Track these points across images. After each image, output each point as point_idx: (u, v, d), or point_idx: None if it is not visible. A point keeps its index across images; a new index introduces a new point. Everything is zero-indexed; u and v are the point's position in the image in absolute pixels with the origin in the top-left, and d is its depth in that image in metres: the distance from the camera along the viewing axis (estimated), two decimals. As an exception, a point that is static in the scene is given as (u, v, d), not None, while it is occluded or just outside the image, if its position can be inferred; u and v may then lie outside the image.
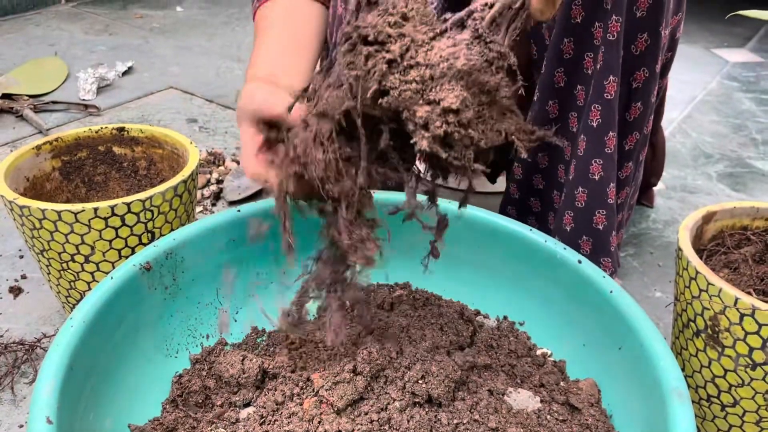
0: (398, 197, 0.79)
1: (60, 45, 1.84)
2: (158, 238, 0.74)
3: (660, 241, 1.07)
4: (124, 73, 1.63)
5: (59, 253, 0.71)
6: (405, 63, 0.46)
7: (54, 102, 1.43)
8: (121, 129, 0.85)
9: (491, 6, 0.48)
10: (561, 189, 0.86)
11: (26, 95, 1.44)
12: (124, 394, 0.63)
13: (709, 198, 1.20)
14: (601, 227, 0.80)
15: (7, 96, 1.41)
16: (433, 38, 0.48)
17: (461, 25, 0.49)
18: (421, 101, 0.46)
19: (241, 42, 1.89)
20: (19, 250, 0.98)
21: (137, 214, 0.71)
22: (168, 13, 2.20)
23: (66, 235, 0.69)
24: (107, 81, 1.53)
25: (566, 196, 0.82)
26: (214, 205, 1.13)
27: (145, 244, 0.73)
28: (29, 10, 2.14)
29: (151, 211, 0.72)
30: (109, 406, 0.61)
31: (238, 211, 0.75)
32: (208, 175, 1.18)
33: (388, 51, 0.46)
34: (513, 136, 0.48)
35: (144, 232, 0.72)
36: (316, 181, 0.51)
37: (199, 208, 1.10)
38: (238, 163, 1.24)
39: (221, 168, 1.21)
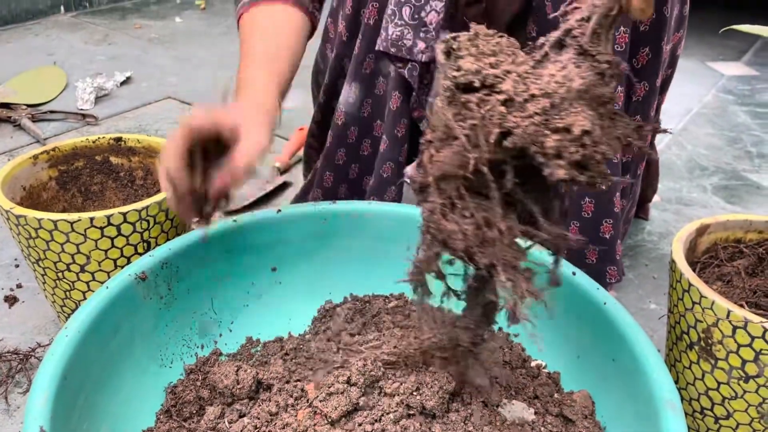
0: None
1: (59, 54, 1.85)
2: (154, 247, 0.74)
3: (655, 253, 1.08)
4: (123, 83, 1.63)
5: (55, 263, 0.71)
6: (520, 98, 0.45)
7: (52, 111, 1.44)
8: (119, 139, 0.85)
9: (588, 19, 0.47)
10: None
11: (24, 104, 1.44)
12: (118, 404, 0.63)
13: (704, 210, 1.21)
14: (607, 236, 0.81)
15: (5, 105, 1.42)
16: (535, 67, 0.47)
17: (560, 45, 0.48)
18: (547, 132, 0.45)
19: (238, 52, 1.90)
20: (15, 259, 0.98)
21: (133, 224, 0.71)
22: (167, 24, 2.21)
23: (62, 245, 0.69)
24: (105, 91, 1.54)
25: (572, 206, 0.82)
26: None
27: (140, 254, 0.74)
28: (29, 20, 2.15)
29: (147, 221, 0.72)
30: (103, 416, 0.61)
31: (234, 221, 0.75)
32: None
33: (500, 92, 0.45)
34: (629, 139, 0.48)
35: (140, 242, 0.73)
36: (461, 254, 0.49)
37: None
38: (235, 173, 1.25)
39: (218, 178, 1.22)
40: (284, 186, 1.23)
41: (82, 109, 1.47)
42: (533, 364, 0.73)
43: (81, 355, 0.58)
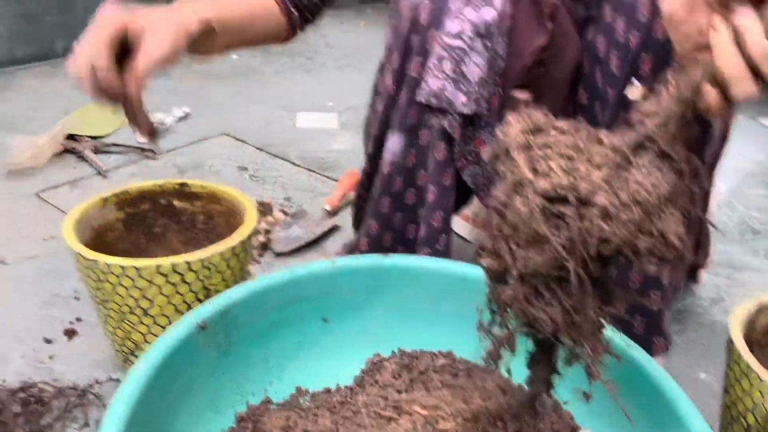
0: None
1: (121, 87, 1.92)
2: (213, 294, 0.76)
3: (705, 319, 1.06)
4: (180, 119, 1.69)
5: (119, 305, 0.74)
6: (614, 210, 0.48)
7: (114, 144, 1.50)
8: (183, 184, 0.89)
9: (666, 125, 0.50)
10: None
11: (88, 136, 1.51)
12: (174, 452, 0.65)
13: (757, 276, 1.19)
14: (655, 308, 0.81)
15: (71, 137, 1.48)
16: (617, 170, 0.49)
17: (641, 146, 0.50)
18: (639, 235, 0.48)
19: (292, 93, 1.95)
20: (75, 291, 1.01)
21: (196, 272, 0.73)
22: (225, 60, 2.29)
23: (128, 289, 0.72)
24: (164, 126, 1.60)
25: (619, 277, 0.82)
26: (261, 255, 1.15)
27: (200, 300, 0.76)
28: (93, 51, 2.24)
29: (209, 269, 0.74)
30: (160, 465, 0.62)
31: (290, 272, 0.77)
32: (257, 225, 1.21)
33: (594, 205, 0.48)
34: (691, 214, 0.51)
35: (201, 289, 0.75)
36: (548, 335, 0.53)
37: (247, 259, 1.13)
38: (286, 213, 1.28)
39: (269, 218, 1.25)
40: (334, 229, 1.25)
41: (141, 143, 1.53)
42: (582, 433, 0.73)
43: (145, 401, 0.60)
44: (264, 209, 1.27)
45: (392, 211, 0.91)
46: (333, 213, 1.30)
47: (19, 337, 0.92)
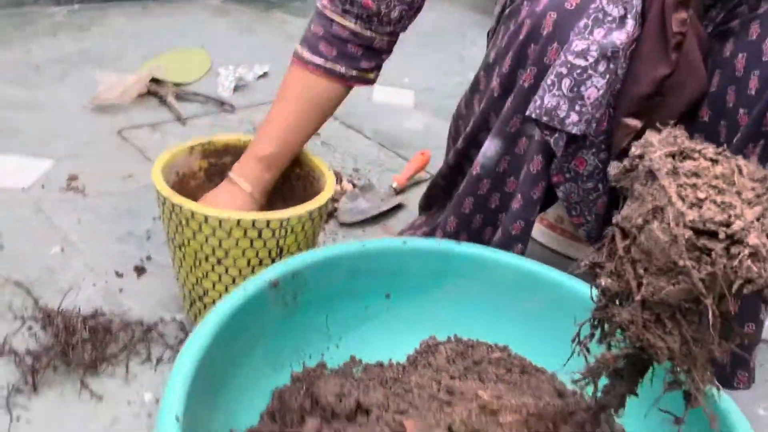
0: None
1: (205, 38, 1.95)
2: (285, 255, 0.78)
3: (769, 354, 1.03)
4: (260, 77, 1.71)
5: (195, 252, 0.76)
6: (764, 250, 0.46)
7: (195, 93, 1.53)
8: (267, 143, 0.90)
9: None
10: None
11: (172, 82, 1.54)
12: (233, 401, 0.67)
13: (828, 318, 1.14)
14: (747, 341, 0.78)
15: (155, 80, 1.52)
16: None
17: None
18: None
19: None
20: (147, 231, 1.05)
21: (273, 231, 0.75)
22: (306, 22, 2.30)
23: (207, 237, 0.74)
24: (245, 82, 1.62)
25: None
26: (327, 222, 1.17)
27: (272, 259, 0.78)
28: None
29: (286, 230, 0.76)
30: (219, 410, 0.64)
31: (363, 245, 0.78)
32: (328, 193, 1.22)
33: (747, 245, 0.46)
34: None
35: (275, 248, 0.77)
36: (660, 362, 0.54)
37: (312, 224, 1.15)
38: (354, 185, 1.28)
39: (337, 187, 1.26)
40: (398, 207, 1.26)
41: (221, 96, 1.56)
42: (630, 449, 0.72)
43: (214, 350, 0.62)
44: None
45: (473, 211, 0.90)
46: (400, 191, 1.30)
47: (93, 268, 0.95)
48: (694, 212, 0.47)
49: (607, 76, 0.73)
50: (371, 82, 0.90)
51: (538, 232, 1.21)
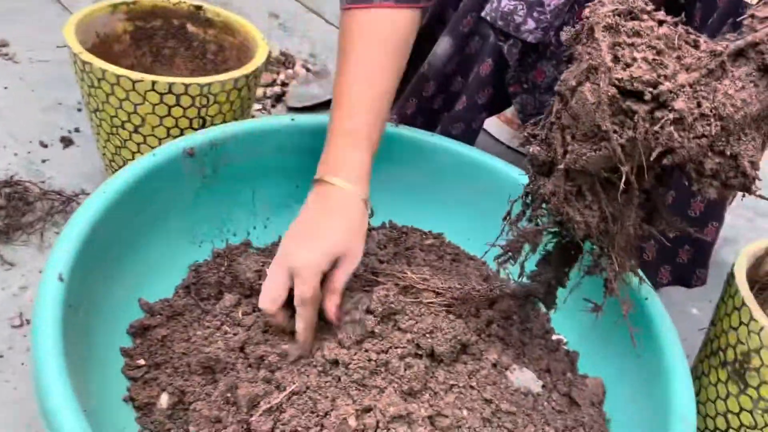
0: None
1: None
2: (209, 125, 0.73)
3: (714, 258, 1.02)
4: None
5: (111, 117, 0.71)
6: (691, 118, 0.42)
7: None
8: (199, 7, 0.83)
9: None
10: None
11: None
12: (142, 269, 0.64)
13: (779, 226, 1.13)
14: (709, 239, 0.76)
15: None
16: (708, 77, 0.43)
17: (739, 55, 0.44)
18: (709, 153, 0.43)
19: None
20: (78, 102, 0.99)
21: (193, 98, 0.70)
22: None
23: (121, 101, 0.69)
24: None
25: (679, 201, 0.77)
26: (273, 106, 1.11)
27: (195, 129, 0.73)
28: None
29: (207, 98, 0.71)
30: (124, 279, 0.62)
31: (292, 120, 0.73)
32: (275, 75, 1.16)
33: (672, 110, 0.42)
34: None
35: (196, 117, 0.72)
36: (578, 239, 0.51)
37: (258, 106, 1.09)
38: (308, 69, 1.22)
39: (290, 71, 1.19)
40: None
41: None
42: (554, 337, 0.71)
43: (115, 214, 0.58)
44: (286, 61, 1.22)
45: (415, 113, 0.85)
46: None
47: (16, 136, 0.90)
48: (623, 71, 0.43)
49: None
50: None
51: (494, 126, 1.17)
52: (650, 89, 0.43)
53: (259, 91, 1.12)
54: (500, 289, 0.66)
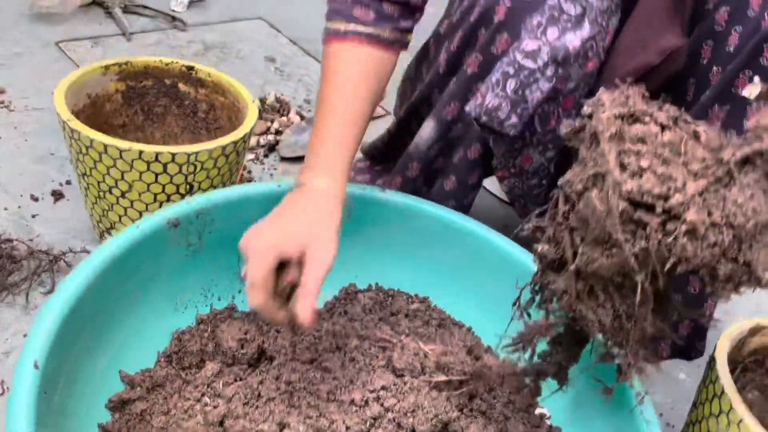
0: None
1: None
2: (196, 191, 0.73)
3: (702, 317, 1.01)
4: (219, -8, 1.61)
5: (98, 182, 0.72)
6: (703, 228, 0.43)
7: (144, 6, 1.44)
8: (191, 68, 0.84)
9: None
10: None
11: (120, -8, 1.44)
12: (124, 340, 0.64)
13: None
14: (707, 313, 0.76)
15: (102, -11, 1.42)
16: (716, 183, 0.44)
17: (749, 162, 0.45)
18: (722, 260, 0.44)
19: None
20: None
21: (180, 166, 0.70)
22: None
23: (108, 168, 0.69)
24: (200, -3, 1.53)
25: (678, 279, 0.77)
26: (266, 156, 1.12)
27: (182, 194, 0.73)
28: None
29: (195, 165, 0.71)
30: (106, 350, 0.62)
31: (278, 186, 0.73)
32: (269, 123, 1.17)
33: (684, 222, 0.43)
34: None
35: (183, 183, 0.72)
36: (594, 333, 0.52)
37: (251, 156, 1.10)
38: (302, 117, 1.23)
39: (284, 118, 1.20)
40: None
41: (173, 11, 1.46)
42: (537, 411, 0.70)
43: (96, 288, 0.58)
44: (281, 108, 1.22)
45: (400, 190, 0.86)
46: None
47: (7, 188, 0.91)
48: (632, 182, 0.44)
49: (554, 81, 0.69)
50: (406, 47, 0.76)
51: (487, 180, 1.17)
52: (662, 202, 0.44)
53: (253, 140, 1.12)
54: (509, 367, 0.65)
